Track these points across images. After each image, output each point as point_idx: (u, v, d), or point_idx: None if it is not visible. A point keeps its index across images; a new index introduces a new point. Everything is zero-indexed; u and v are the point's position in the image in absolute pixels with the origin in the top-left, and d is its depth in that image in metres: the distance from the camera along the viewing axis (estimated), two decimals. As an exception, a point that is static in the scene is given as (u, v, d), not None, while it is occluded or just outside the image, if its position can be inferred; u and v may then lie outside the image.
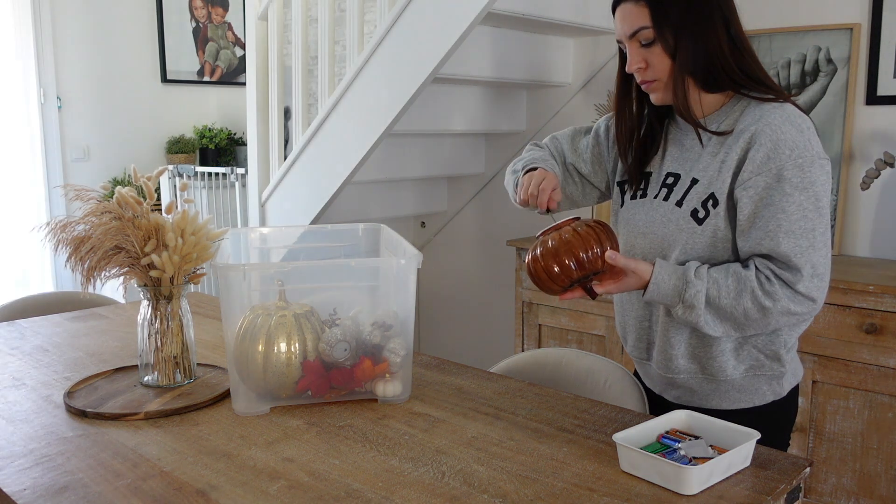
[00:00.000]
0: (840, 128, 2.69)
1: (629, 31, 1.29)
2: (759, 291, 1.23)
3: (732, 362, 1.35)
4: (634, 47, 1.30)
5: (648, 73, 1.30)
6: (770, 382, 1.37)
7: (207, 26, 5.19)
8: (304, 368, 1.35)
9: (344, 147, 2.92)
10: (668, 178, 1.37)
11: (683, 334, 1.36)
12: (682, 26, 1.26)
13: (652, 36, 1.27)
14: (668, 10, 1.25)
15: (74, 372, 1.59)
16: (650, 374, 1.49)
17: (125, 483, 1.09)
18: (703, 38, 1.27)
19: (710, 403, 1.39)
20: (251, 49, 3.37)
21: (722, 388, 1.38)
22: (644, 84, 1.32)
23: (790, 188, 1.22)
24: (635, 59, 1.30)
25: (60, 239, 1.39)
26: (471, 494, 1.05)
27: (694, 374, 1.38)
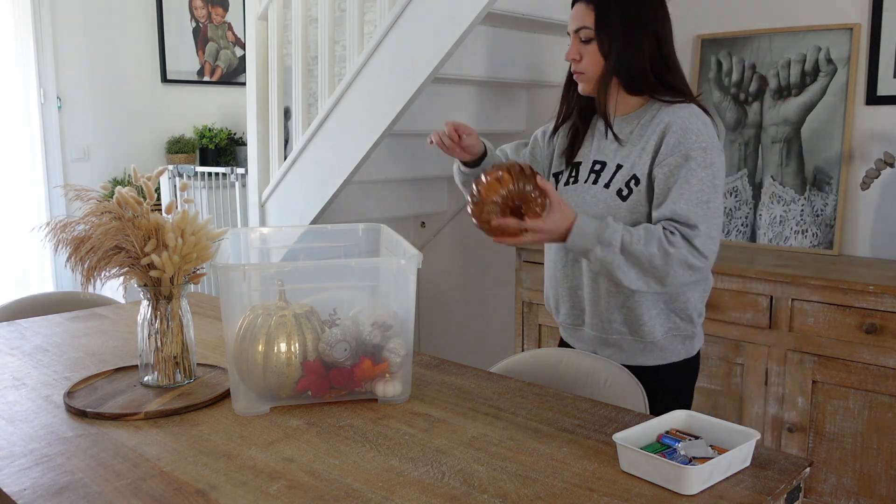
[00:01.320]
0: (840, 128, 2.69)
1: (574, 27, 1.56)
2: (664, 240, 1.43)
3: (658, 326, 1.59)
4: (575, 41, 1.56)
5: (580, 66, 1.57)
6: (684, 342, 1.63)
7: (207, 26, 5.19)
8: (304, 368, 1.35)
9: (344, 147, 2.92)
10: (595, 166, 1.62)
11: (617, 302, 1.59)
12: (618, 34, 1.52)
13: (591, 36, 1.53)
14: (611, 17, 1.52)
15: (74, 372, 1.59)
16: (583, 338, 1.70)
17: (125, 483, 1.09)
18: (633, 49, 1.53)
19: (636, 361, 1.63)
20: (251, 49, 3.37)
21: (648, 347, 1.62)
22: (575, 74, 1.59)
23: (695, 165, 1.47)
24: (573, 52, 1.57)
25: (60, 239, 1.39)
26: (471, 494, 1.05)
27: (625, 336, 1.62)
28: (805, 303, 2.36)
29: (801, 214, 2.79)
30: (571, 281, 1.66)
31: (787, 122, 2.81)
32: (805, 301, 2.36)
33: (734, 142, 2.94)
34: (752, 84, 2.89)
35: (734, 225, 2.95)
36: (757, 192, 2.89)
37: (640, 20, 1.52)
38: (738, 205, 2.94)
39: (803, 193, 2.78)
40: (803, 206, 2.78)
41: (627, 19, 1.51)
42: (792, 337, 2.39)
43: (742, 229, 2.93)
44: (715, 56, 2.97)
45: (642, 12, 1.53)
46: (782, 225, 2.83)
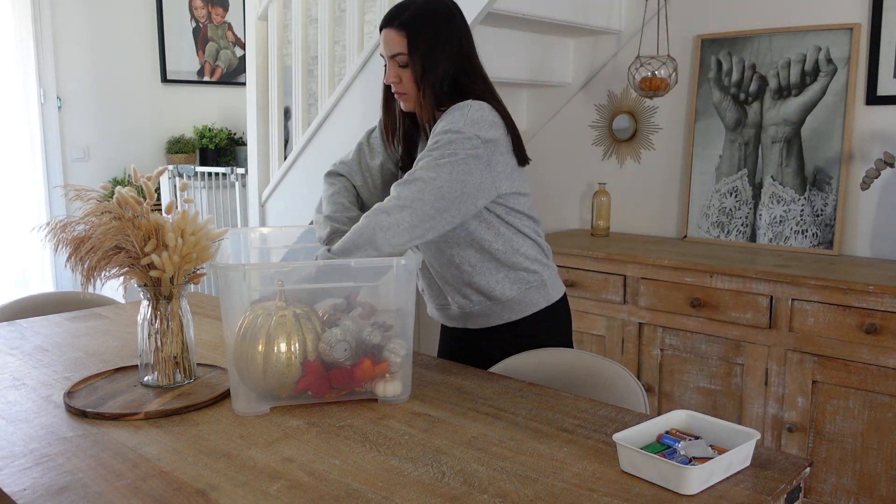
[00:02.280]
0: (840, 128, 2.69)
1: (390, 53, 1.62)
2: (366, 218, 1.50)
3: (507, 285, 1.68)
4: (393, 65, 1.63)
5: (401, 88, 1.64)
6: (539, 291, 1.72)
7: (207, 26, 5.19)
8: (304, 368, 1.35)
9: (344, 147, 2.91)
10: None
11: (464, 281, 1.69)
12: (429, 56, 1.59)
13: (406, 61, 1.60)
14: (419, 42, 1.59)
15: (74, 372, 1.59)
16: (451, 315, 1.79)
17: (125, 483, 1.09)
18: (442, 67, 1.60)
19: (503, 319, 1.72)
20: (251, 49, 3.37)
21: (507, 305, 1.71)
22: (397, 94, 1.66)
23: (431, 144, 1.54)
24: (392, 75, 1.64)
25: (60, 239, 1.39)
26: (471, 494, 1.05)
27: (484, 303, 1.71)
28: (805, 303, 2.36)
29: (801, 214, 2.79)
30: (427, 271, 1.77)
31: (787, 122, 2.81)
32: (805, 301, 2.36)
33: (734, 142, 2.94)
34: (752, 84, 2.89)
35: (734, 225, 2.95)
36: (757, 192, 2.89)
37: (445, 38, 1.60)
38: (738, 205, 2.94)
39: (803, 193, 2.78)
40: (803, 206, 2.78)
41: (435, 40, 1.59)
42: (792, 337, 2.39)
43: (742, 229, 2.93)
44: (715, 56, 2.97)
45: (445, 30, 1.61)
46: (782, 225, 2.83)
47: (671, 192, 3.18)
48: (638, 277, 2.72)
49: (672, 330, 2.65)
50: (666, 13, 3.05)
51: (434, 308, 1.84)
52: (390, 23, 1.61)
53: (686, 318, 2.61)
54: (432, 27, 1.59)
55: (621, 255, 2.74)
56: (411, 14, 1.59)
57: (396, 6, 1.62)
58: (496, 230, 1.64)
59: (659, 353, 2.70)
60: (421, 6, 1.60)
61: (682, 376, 2.65)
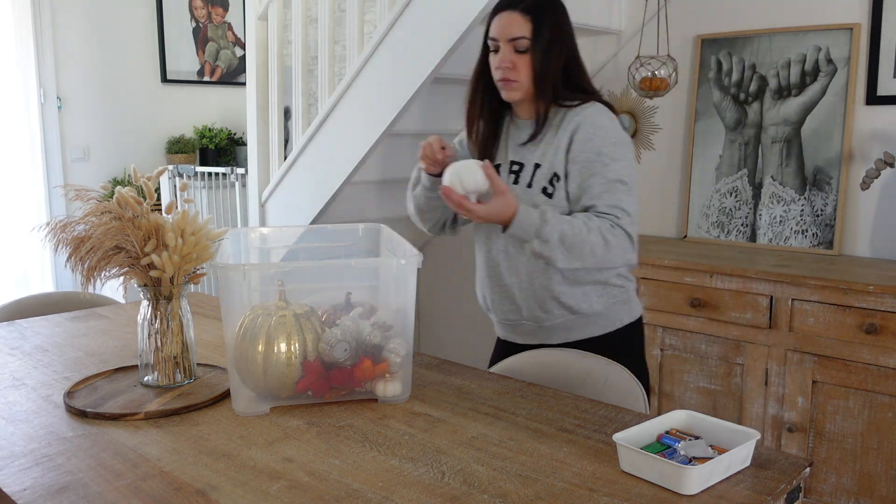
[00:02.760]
0: (840, 128, 2.69)
1: (510, 35, 1.56)
2: (603, 227, 1.51)
3: (594, 298, 1.65)
4: (509, 49, 1.57)
5: (513, 74, 1.58)
6: (623, 307, 1.70)
7: (207, 26, 5.19)
8: (304, 368, 1.34)
9: (344, 147, 2.92)
10: (513, 167, 1.67)
11: (550, 294, 1.64)
12: (550, 45, 1.57)
13: (527, 46, 1.56)
14: (545, 30, 1.56)
15: (74, 372, 1.59)
16: (524, 331, 1.74)
17: (125, 483, 1.09)
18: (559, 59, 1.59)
19: (584, 335, 1.68)
20: (251, 49, 3.37)
21: (591, 320, 1.67)
22: (504, 81, 1.59)
23: (608, 160, 1.54)
24: (506, 59, 1.57)
25: (60, 239, 1.39)
26: (471, 494, 1.05)
27: (566, 317, 1.67)
28: (805, 303, 2.36)
29: (801, 214, 2.79)
30: (500, 280, 1.72)
31: (787, 122, 2.81)
32: (805, 301, 2.36)
33: (734, 142, 2.94)
34: (752, 84, 2.89)
35: (734, 225, 2.95)
36: (757, 192, 2.89)
37: (563, 30, 1.60)
38: (738, 205, 2.94)
39: (803, 193, 2.78)
40: (803, 206, 2.78)
41: (556, 30, 1.58)
42: (792, 337, 2.39)
43: (742, 229, 2.93)
44: (715, 56, 2.97)
45: (565, 22, 1.61)
46: (782, 225, 2.83)
47: (671, 192, 3.18)
48: (638, 277, 2.72)
49: (672, 330, 2.65)
50: (666, 13, 3.05)
51: (504, 322, 1.77)
52: (513, 5, 1.57)
53: (686, 318, 2.61)
54: (555, 16, 1.58)
55: (621, 255, 2.74)
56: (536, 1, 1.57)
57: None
58: None
59: (659, 353, 2.70)
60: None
61: (682, 376, 2.65)
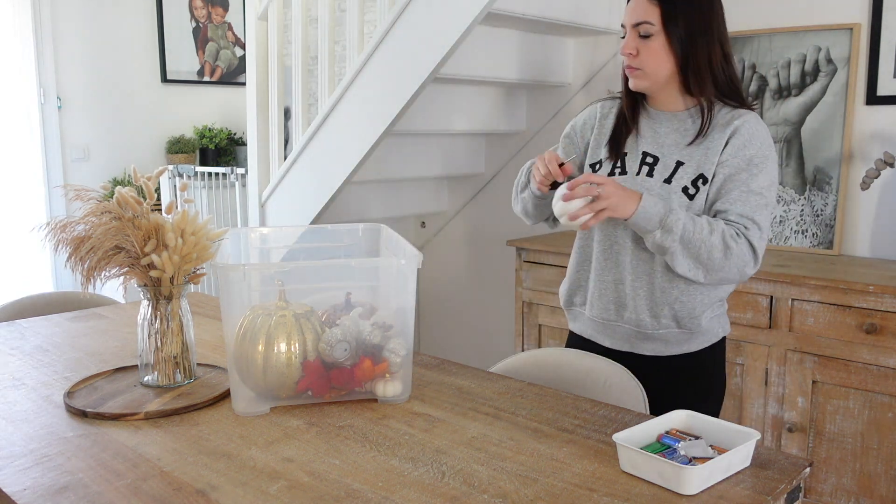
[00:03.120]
0: (840, 128, 2.69)
1: (634, 21, 1.51)
2: (727, 233, 1.46)
3: (706, 315, 1.59)
4: (633, 35, 1.51)
5: (636, 61, 1.52)
6: (719, 321, 1.64)
7: (207, 26, 5.19)
8: (304, 368, 1.35)
9: (344, 147, 2.92)
10: (647, 158, 1.58)
11: (670, 298, 1.57)
12: (685, 32, 1.49)
13: (652, 32, 1.49)
14: (677, 17, 1.48)
15: (74, 372, 1.59)
16: (617, 332, 1.65)
17: (125, 483, 1.09)
18: (697, 49, 1.50)
19: (681, 349, 1.61)
20: (251, 49, 3.37)
21: (693, 336, 1.60)
22: (629, 69, 1.54)
23: (756, 171, 1.50)
24: (630, 46, 1.52)
25: (60, 239, 1.39)
26: (471, 494, 1.05)
27: (671, 329, 1.59)
28: (805, 303, 2.36)
29: (801, 214, 2.79)
30: (615, 275, 1.61)
31: (787, 122, 2.81)
32: (805, 301, 2.36)
33: (734, 142, 2.94)
34: (752, 84, 2.89)
35: (734, 225, 2.95)
36: (757, 192, 2.89)
37: (705, 17, 1.49)
38: (738, 205, 2.94)
39: (803, 193, 2.78)
40: (803, 206, 2.78)
41: (694, 17, 1.48)
42: (792, 337, 2.39)
43: (742, 229, 2.93)
44: (715, 56, 2.97)
45: (705, 8, 1.50)
46: (782, 225, 2.83)
47: (671, 192, 3.17)
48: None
49: (672, 330, 2.65)
50: (666, 13, 3.04)
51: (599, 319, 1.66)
52: None
53: (686, 318, 2.61)
54: (695, 3, 1.49)
55: (621, 255, 2.74)
56: None
57: None
58: None
59: (659, 353, 2.70)
60: None
61: (682, 376, 2.65)
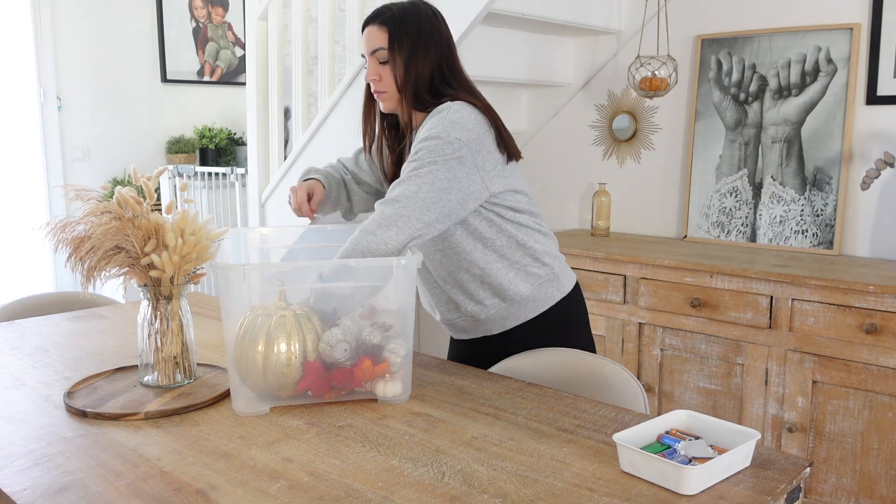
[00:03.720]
0: (840, 128, 2.69)
1: (370, 49, 1.61)
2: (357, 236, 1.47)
3: (520, 283, 1.65)
4: (374, 62, 1.61)
5: (380, 86, 1.62)
6: (552, 284, 1.69)
7: (207, 26, 5.19)
8: (304, 369, 1.35)
9: (344, 147, 2.92)
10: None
11: (475, 283, 1.64)
12: (410, 54, 1.58)
13: (386, 57, 1.59)
14: (403, 39, 1.58)
15: (74, 372, 1.59)
16: (465, 327, 1.74)
17: (125, 483, 1.09)
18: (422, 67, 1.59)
19: (520, 319, 1.68)
20: (251, 49, 3.37)
21: (522, 304, 1.67)
22: (376, 93, 1.64)
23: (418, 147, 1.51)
24: (372, 72, 1.62)
25: (60, 239, 1.39)
26: (471, 494, 1.05)
27: (499, 306, 1.67)
28: (805, 303, 2.36)
29: (801, 214, 2.79)
30: (434, 284, 1.72)
31: (787, 122, 2.81)
32: (805, 301, 2.36)
33: (734, 142, 2.94)
34: (752, 84, 2.89)
35: (734, 225, 2.95)
36: (757, 192, 2.89)
37: (427, 38, 1.60)
38: (738, 205, 2.94)
39: (803, 193, 2.78)
40: (803, 206, 2.78)
41: (417, 38, 1.59)
42: (792, 337, 2.39)
43: (742, 229, 2.93)
44: (715, 56, 2.97)
45: (428, 30, 1.60)
46: (782, 225, 2.83)
47: (671, 192, 3.18)
48: (638, 277, 2.72)
49: (672, 330, 2.65)
50: (666, 13, 3.05)
51: (447, 322, 1.78)
52: (373, 20, 1.61)
53: (686, 318, 2.61)
54: (415, 25, 1.59)
55: (621, 255, 2.74)
56: (394, 12, 1.60)
57: (381, 6, 1.63)
58: (498, 227, 1.62)
59: (659, 353, 2.70)
60: (404, 6, 1.62)
61: (682, 376, 2.65)
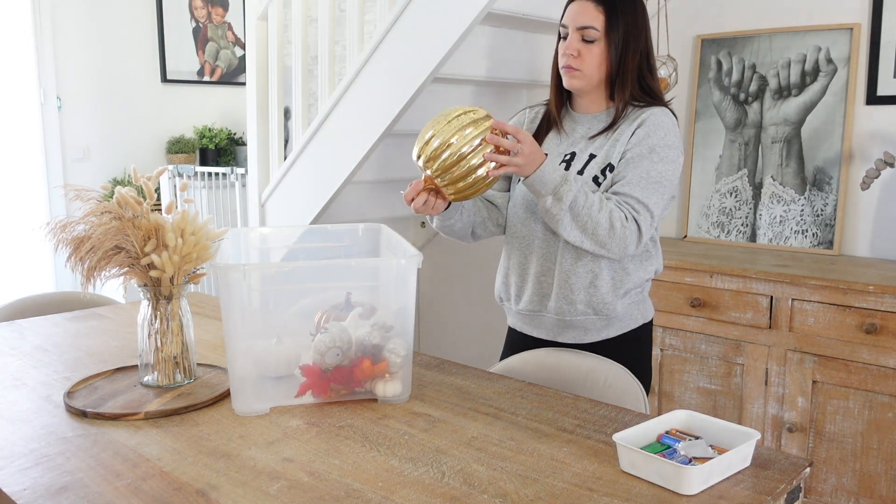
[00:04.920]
0: (840, 128, 2.69)
1: (579, 24, 1.56)
2: (615, 213, 1.50)
3: (618, 301, 1.63)
4: (577, 37, 1.57)
5: (577, 62, 1.58)
6: (638, 307, 1.70)
7: (207, 26, 5.19)
8: (303, 372, 1.34)
9: (344, 147, 2.92)
10: (565, 156, 1.66)
11: (584, 283, 1.62)
12: (624, 40, 1.56)
13: (596, 37, 1.55)
14: (619, 22, 1.55)
15: (74, 372, 1.59)
16: (543, 323, 1.70)
17: (125, 483, 1.09)
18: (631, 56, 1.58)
19: (601, 336, 1.67)
20: (251, 49, 3.37)
21: (610, 322, 1.66)
22: (567, 68, 1.59)
23: (657, 159, 1.55)
24: (573, 47, 1.57)
25: (60, 239, 1.39)
26: (471, 494, 1.05)
27: (588, 316, 1.64)
28: (805, 303, 2.36)
29: (801, 214, 2.79)
30: (534, 267, 1.68)
31: (787, 122, 2.81)
32: (805, 301, 2.36)
33: (734, 142, 2.94)
34: (752, 84, 2.89)
35: (734, 225, 2.95)
36: (757, 192, 2.89)
37: (639, 28, 1.58)
38: (738, 205, 2.94)
39: (803, 193, 2.78)
40: (803, 206, 2.78)
41: (631, 26, 1.57)
42: (792, 337, 2.39)
43: (742, 229, 2.93)
44: (715, 56, 2.97)
45: (640, 20, 1.59)
46: (782, 225, 2.83)
47: (671, 192, 3.17)
48: (638, 277, 2.72)
49: (672, 330, 2.65)
50: (666, 13, 3.05)
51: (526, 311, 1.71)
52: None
53: (686, 318, 2.61)
54: (632, 12, 1.56)
55: (621, 255, 2.74)
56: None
57: None
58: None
59: (659, 353, 2.70)
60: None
61: (682, 376, 2.65)
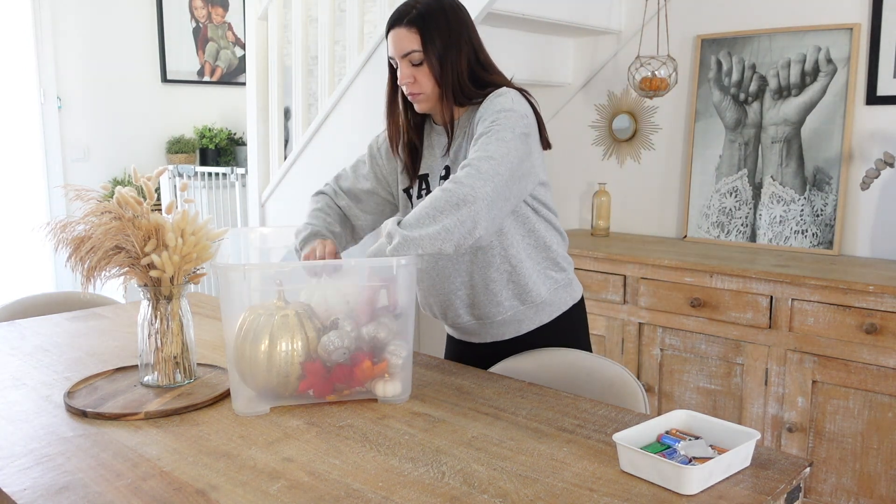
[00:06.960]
0: (840, 128, 2.69)
1: (401, 53, 1.56)
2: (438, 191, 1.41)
3: (541, 285, 1.64)
4: (405, 64, 1.57)
5: (416, 87, 1.58)
6: (566, 290, 1.70)
7: (207, 26, 5.19)
8: (305, 370, 1.35)
9: (344, 147, 2.92)
10: (443, 172, 1.64)
11: (502, 281, 1.62)
12: (444, 51, 1.55)
13: (420, 58, 1.55)
14: (434, 38, 1.54)
15: (74, 372, 1.59)
16: (474, 331, 1.71)
17: (125, 483, 1.09)
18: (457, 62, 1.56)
19: (534, 324, 1.68)
20: (251, 49, 3.37)
21: (539, 308, 1.67)
22: (411, 96, 1.60)
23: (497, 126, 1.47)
24: (406, 75, 1.57)
25: (60, 239, 1.39)
26: (471, 494, 1.05)
27: (517, 308, 1.65)
28: (805, 303, 2.36)
29: (801, 214, 2.79)
30: (450, 286, 1.65)
31: (787, 122, 2.81)
32: (805, 301, 2.36)
33: (734, 142, 2.94)
34: (752, 84, 2.89)
35: (734, 225, 2.95)
36: (757, 192, 2.89)
37: (454, 31, 1.56)
38: (738, 205, 2.94)
39: (803, 193, 2.78)
40: (803, 206, 2.78)
41: (446, 33, 1.55)
42: (792, 337, 2.39)
43: (742, 229, 2.93)
44: (715, 56, 2.97)
45: (456, 22, 1.57)
46: (782, 225, 2.83)
47: (671, 192, 3.17)
48: (638, 277, 2.72)
49: (672, 330, 2.65)
50: (666, 13, 3.05)
51: (457, 325, 1.73)
52: (399, 21, 1.56)
53: (686, 318, 2.61)
54: (443, 21, 1.55)
55: (621, 255, 2.74)
56: (420, 11, 1.54)
57: (402, 6, 1.57)
58: (531, 225, 1.60)
59: (659, 353, 2.70)
60: (428, 2, 1.56)
61: (682, 376, 2.65)
